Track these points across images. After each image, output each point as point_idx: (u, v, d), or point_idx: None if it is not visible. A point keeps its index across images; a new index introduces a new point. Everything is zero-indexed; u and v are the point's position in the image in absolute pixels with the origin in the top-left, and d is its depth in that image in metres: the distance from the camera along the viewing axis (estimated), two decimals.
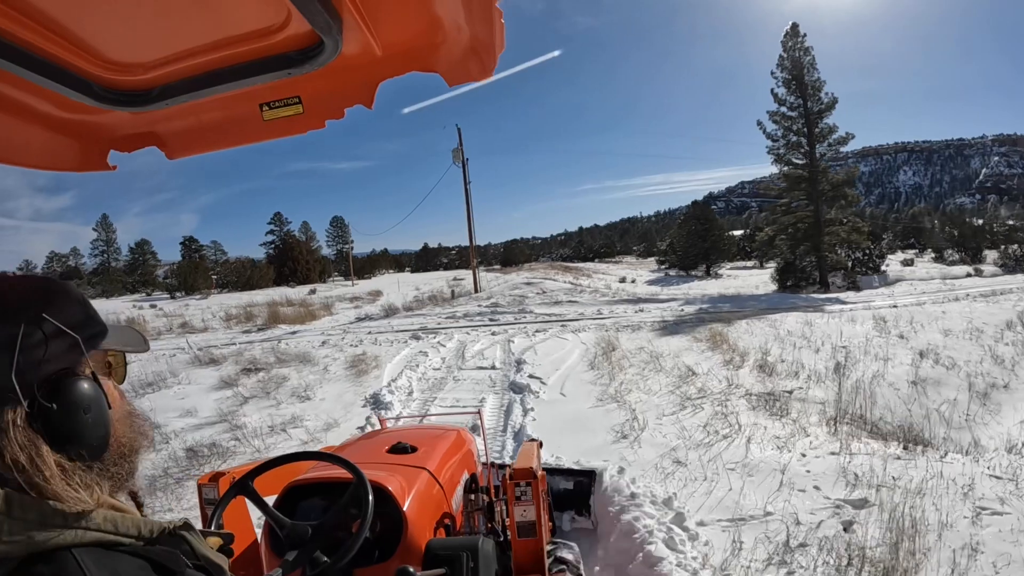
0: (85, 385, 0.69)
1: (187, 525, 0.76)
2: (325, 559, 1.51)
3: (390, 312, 21.44)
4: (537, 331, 14.05)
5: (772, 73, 31.54)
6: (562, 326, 14.94)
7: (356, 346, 13.26)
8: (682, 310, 19.13)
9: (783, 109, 31.03)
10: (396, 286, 41.42)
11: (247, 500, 1.77)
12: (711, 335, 11.01)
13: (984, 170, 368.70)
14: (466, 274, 34.73)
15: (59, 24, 0.91)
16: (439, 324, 17.39)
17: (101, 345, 0.75)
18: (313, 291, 43.59)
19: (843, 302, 19.92)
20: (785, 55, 31.18)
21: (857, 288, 27.60)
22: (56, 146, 1.21)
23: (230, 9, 0.93)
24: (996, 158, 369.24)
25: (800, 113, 30.68)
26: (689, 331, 11.96)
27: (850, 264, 31.08)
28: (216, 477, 2.25)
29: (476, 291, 26.92)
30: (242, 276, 57.32)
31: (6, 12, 0.84)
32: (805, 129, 30.47)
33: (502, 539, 2.53)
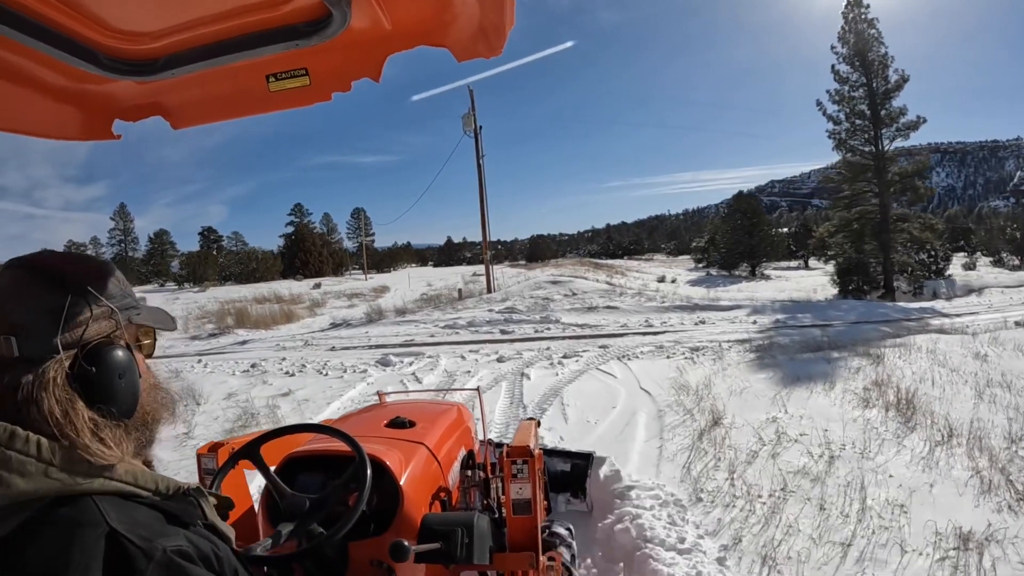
0: (120, 353, 0.75)
1: (200, 491, 0.78)
2: (321, 531, 1.50)
3: (375, 317, 16.93)
4: (566, 356, 9.48)
5: (832, 48, 27.32)
6: (602, 347, 10.27)
7: (292, 375, 8.84)
8: (754, 322, 14.60)
9: (845, 88, 26.98)
10: (406, 282, 37.26)
11: (246, 469, 1.84)
12: (876, 387, 6.28)
13: (1019, 173, 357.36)
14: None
15: None
16: (431, 337, 12.90)
17: (134, 320, 0.82)
18: (317, 285, 40.79)
19: (942, 313, 16.29)
20: (847, 27, 26.98)
21: (925, 294, 25.02)
22: (61, 115, 1.18)
23: None
24: None
25: (864, 93, 26.54)
26: (823, 371, 7.18)
27: (911, 267, 27.64)
28: (215, 447, 2.15)
29: (489, 291, 22.03)
30: (245, 268, 53.99)
31: None
32: (869, 111, 26.34)
33: (497, 516, 2.47)
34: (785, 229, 59.52)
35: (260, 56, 1.02)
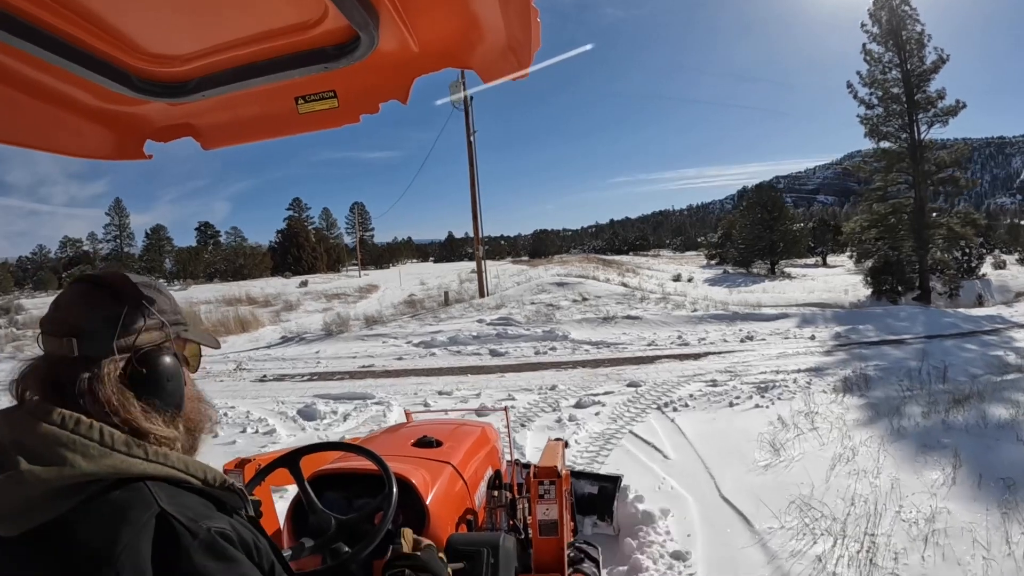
0: (169, 360, 0.81)
1: (244, 492, 0.82)
2: (347, 549, 1.49)
3: (335, 330, 13.76)
4: (580, 404, 6.54)
5: (863, 25, 24.67)
6: (631, 386, 7.29)
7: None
8: (812, 337, 11.86)
9: (876, 70, 24.41)
10: (398, 280, 34.38)
11: (272, 486, 1.95)
12: None
13: None
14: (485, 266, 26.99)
15: (99, 17, 0.92)
16: (398, 360, 9.96)
17: (182, 335, 0.88)
18: (304, 283, 38.50)
19: (1015, 323, 13.85)
20: (878, 3, 24.25)
21: (963, 297, 23.35)
22: (95, 135, 1.21)
23: (267, 3, 0.93)
24: None
25: (898, 75, 23.96)
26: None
27: (945, 266, 25.58)
28: (242, 463, 2.12)
29: (482, 295, 18.75)
30: (232, 265, 51.23)
31: (49, 5, 0.86)
32: (903, 95, 23.66)
33: (523, 537, 2.41)
34: (801, 224, 56.36)
35: (289, 79, 1.04)
